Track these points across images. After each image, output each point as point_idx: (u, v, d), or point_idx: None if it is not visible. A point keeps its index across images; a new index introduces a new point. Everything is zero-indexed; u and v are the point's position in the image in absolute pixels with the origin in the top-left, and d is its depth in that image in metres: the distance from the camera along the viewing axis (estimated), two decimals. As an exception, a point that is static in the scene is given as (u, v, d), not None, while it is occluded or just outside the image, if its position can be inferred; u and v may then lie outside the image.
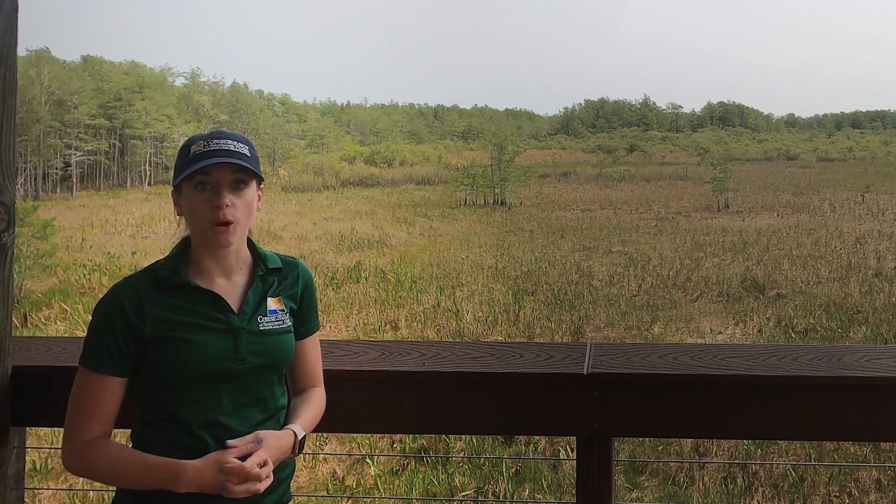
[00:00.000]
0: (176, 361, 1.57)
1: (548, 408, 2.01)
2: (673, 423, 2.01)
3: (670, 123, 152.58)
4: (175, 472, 1.51)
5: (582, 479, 1.99)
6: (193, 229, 1.64)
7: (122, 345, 1.56)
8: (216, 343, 1.60)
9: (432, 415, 2.07)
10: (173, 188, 1.65)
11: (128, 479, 1.56)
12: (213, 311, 1.62)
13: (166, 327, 1.57)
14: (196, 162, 1.58)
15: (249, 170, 1.62)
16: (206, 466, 1.52)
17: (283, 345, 1.70)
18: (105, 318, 1.58)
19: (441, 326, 16.17)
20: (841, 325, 15.70)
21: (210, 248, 1.64)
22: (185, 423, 1.58)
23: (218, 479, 1.51)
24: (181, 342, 1.57)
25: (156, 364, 1.57)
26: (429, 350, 2.12)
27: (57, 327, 16.19)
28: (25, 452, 2.17)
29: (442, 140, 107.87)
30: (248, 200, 1.64)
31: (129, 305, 1.57)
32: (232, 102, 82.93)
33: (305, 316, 1.79)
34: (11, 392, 2.03)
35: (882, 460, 8.87)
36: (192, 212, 1.61)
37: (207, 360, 1.58)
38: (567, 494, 8.02)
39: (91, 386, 1.57)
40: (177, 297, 1.60)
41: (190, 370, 1.57)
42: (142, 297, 1.58)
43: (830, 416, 1.96)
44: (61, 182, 58.54)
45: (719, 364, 1.98)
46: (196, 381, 1.58)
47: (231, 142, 1.62)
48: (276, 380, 1.70)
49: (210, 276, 1.65)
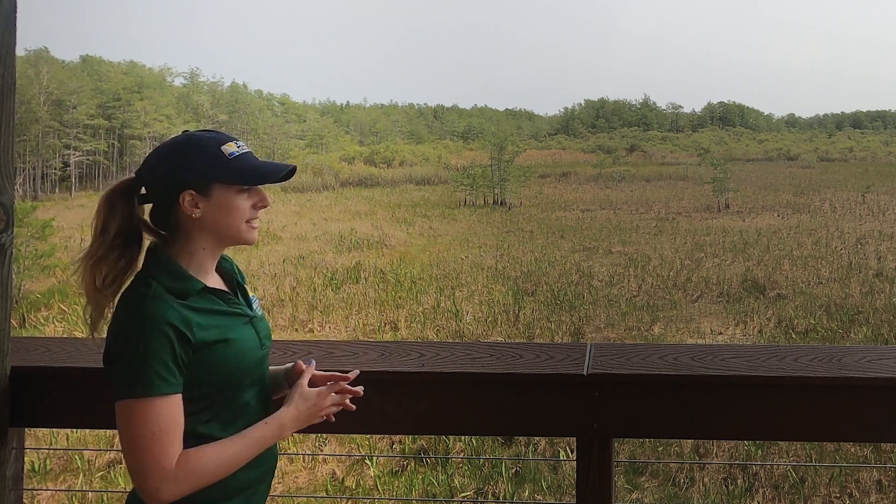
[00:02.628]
0: (228, 360, 1.60)
1: (548, 408, 2.00)
2: (673, 424, 2.01)
3: (670, 123, 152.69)
4: (278, 423, 1.63)
5: (582, 479, 1.99)
6: (224, 228, 1.62)
7: (180, 359, 1.51)
8: (247, 335, 1.66)
9: (432, 415, 2.07)
10: (197, 189, 1.58)
11: (242, 459, 1.59)
12: (236, 307, 1.67)
13: (214, 332, 1.58)
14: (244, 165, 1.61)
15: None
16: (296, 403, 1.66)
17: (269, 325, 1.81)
18: (157, 340, 1.48)
19: (441, 327, 16.17)
20: (841, 326, 15.70)
21: (222, 247, 1.67)
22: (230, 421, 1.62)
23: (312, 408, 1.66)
24: (229, 342, 1.60)
25: (209, 368, 1.57)
26: (428, 351, 2.12)
27: (55, 328, 16.18)
28: (24, 453, 2.16)
29: (441, 140, 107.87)
30: None
31: (176, 319, 1.51)
32: (231, 102, 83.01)
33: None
34: (10, 393, 2.02)
35: (883, 461, 8.87)
36: (231, 211, 1.61)
37: (247, 352, 1.64)
38: (567, 495, 8.01)
39: (162, 411, 1.49)
40: (202, 303, 1.59)
41: (238, 365, 1.62)
42: (180, 310, 1.53)
43: (831, 416, 1.95)
44: (60, 182, 58.57)
45: (719, 365, 1.98)
46: (244, 374, 1.64)
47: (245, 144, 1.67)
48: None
49: (207, 274, 1.66)
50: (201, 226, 1.61)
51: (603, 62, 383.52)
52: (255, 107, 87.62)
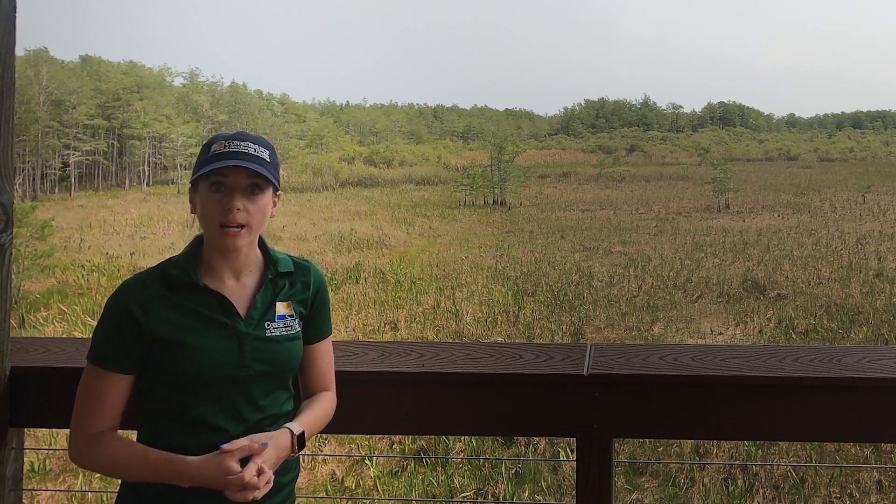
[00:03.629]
0: (179, 363, 1.56)
1: (548, 409, 2.00)
2: (673, 424, 2.00)
3: (671, 123, 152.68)
4: (178, 469, 1.52)
5: (582, 480, 1.99)
6: (204, 228, 1.62)
7: (129, 343, 1.56)
8: (220, 348, 1.58)
9: (432, 416, 2.06)
10: (191, 185, 1.63)
11: (131, 473, 1.56)
12: (220, 314, 1.60)
13: (172, 329, 1.56)
14: (214, 161, 1.57)
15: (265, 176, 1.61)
16: (207, 465, 1.51)
17: (289, 352, 1.67)
18: (112, 316, 1.57)
19: (440, 327, 16.17)
20: (842, 326, 15.70)
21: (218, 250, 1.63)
22: (185, 425, 1.58)
23: (219, 478, 1.50)
24: (185, 345, 1.56)
25: (160, 364, 1.57)
26: (428, 351, 2.11)
27: (55, 328, 16.17)
28: (24, 453, 2.16)
29: (441, 140, 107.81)
30: (262, 206, 1.62)
31: (135, 305, 1.56)
32: (231, 102, 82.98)
33: (316, 321, 1.76)
34: (10, 393, 2.02)
35: (883, 461, 8.87)
36: (204, 211, 1.59)
37: (210, 364, 1.57)
38: (567, 496, 8.01)
39: (97, 381, 1.57)
40: (185, 298, 1.59)
41: (192, 373, 1.56)
42: (149, 297, 1.57)
43: (831, 417, 1.95)
44: (59, 182, 58.56)
45: (720, 365, 1.98)
46: (198, 385, 1.57)
47: (252, 145, 1.61)
48: (280, 385, 1.68)
49: (220, 276, 1.63)
50: (200, 224, 1.62)
51: (603, 62, 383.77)
52: (254, 107, 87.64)
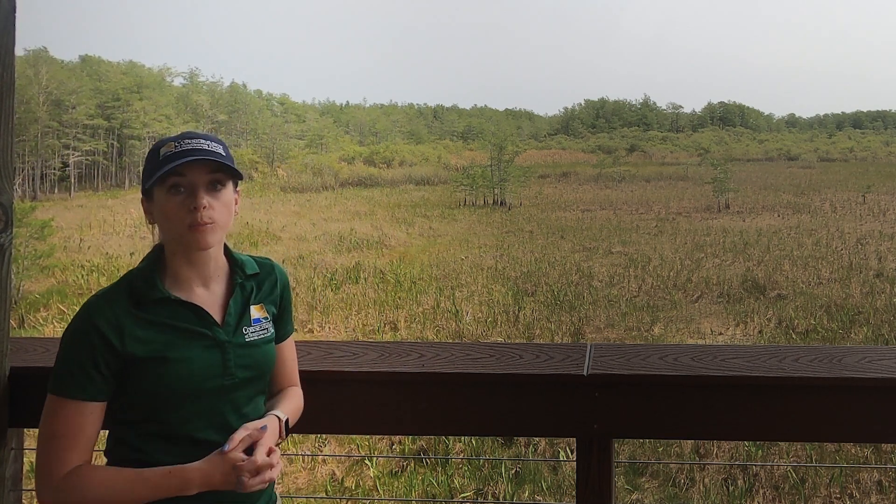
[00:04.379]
0: (163, 381, 1.48)
1: (548, 409, 2.00)
2: (673, 425, 2.00)
3: (671, 123, 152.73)
4: (182, 478, 1.45)
5: (582, 480, 1.98)
6: (168, 236, 1.54)
7: (102, 367, 1.45)
8: (204, 359, 1.52)
9: (431, 416, 2.06)
10: (143, 195, 1.55)
11: (128, 499, 1.46)
12: (198, 325, 1.53)
13: (150, 347, 1.48)
14: (168, 163, 1.48)
15: (226, 168, 1.52)
16: (211, 466, 1.46)
17: (268, 354, 1.64)
18: (80, 341, 1.46)
19: (440, 327, 16.17)
20: (842, 326, 15.70)
21: (188, 255, 1.54)
22: (171, 444, 1.51)
23: (228, 476, 1.45)
24: (168, 361, 1.48)
25: (139, 385, 1.48)
26: (428, 351, 2.11)
27: (54, 328, 16.19)
28: (23, 454, 2.16)
29: (441, 140, 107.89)
30: (226, 202, 1.54)
31: (105, 325, 1.46)
32: (230, 102, 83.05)
33: (283, 319, 1.71)
34: (9, 393, 2.02)
35: (883, 462, 8.87)
36: (167, 217, 1.50)
37: (196, 377, 1.50)
38: (567, 496, 8.01)
39: (68, 415, 1.45)
40: (157, 314, 1.50)
41: (178, 389, 1.49)
42: (119, 316, 1.47)
43: (831, 417, 1.95)
44: (59, 182, 58.57)
45: (720, 365, 1.97)
46: (185, 400, 1.50)
47: (204, 141, 1.53)
48: (261, 390, 1.64)
49: (188, 285, 1.56)
50: (161, 233, 1.56)
51: (603, 62, 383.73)
52: (254, 107, 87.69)
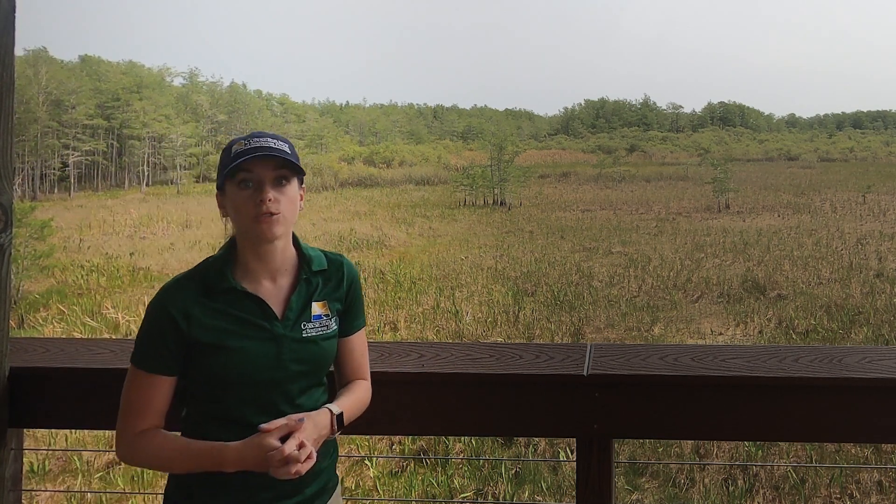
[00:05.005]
0: (220, 368, 1.60)
1: (548, 409, 2.00)
2: (673, 425, 2.00)
3: (671, 124, 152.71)
4: (220, 454, 1.56)
5: (582, 480, 1.98)
6: (239, 228, 1.65)
7: (171, 347, 1.60)
8: (259, 351, 1.62)
9: (431, 416, 2.06)
10: (218, 190, 1.67)
11: (176, 465, 1.61)
12: (259, 318, 1.64)
13: (213, 334, 1.60)
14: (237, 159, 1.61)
15: (291, 164, 1.64)
16: (247, 448, 1.55)
17: (325, 351, 1.71)
18: (154, 321, 1.61)
19: (440, 327, 16.17)
20: (842, 327, 15.70)
21: (256, 248, 1.65)
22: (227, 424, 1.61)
23: (258, 459, 1.54)
24: (226, 350, 1.60)
25: (201, 368, 1.61)
26: (428, 351, 2.11)
27: (54, 328, 16.17)
28: (23, 454, 2.16)
29: (441, 140, 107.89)
30: (292, 196, 1.66)
31: (176, 312, 1.59)
32: (230, 102, 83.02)
33: (350, 314, 1.79)
34: (9, 393, 2.02)
35: (883, 462, 8.86)
36: (237, 210, 1.62)
37: (250, 367, 1.61)
38: (567, 496, 8.01)
39: (140, 384, 1.61)
40: (224, 303, 1.62)
41: (233, 377, 1.60)
42: (189, 303, 1.61)
43: (831, 417, 1.95)
44: (59, 182, 58.59)
45: (720, 365, 1.98)
46: (238, 387, 1.61)
47: (271, 140, 1.65)
48: (316, 382, 1.72)
49: (256, 278, 1.66)
50: (234, 225, 1.67)
51: (603, 62, 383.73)
52: (254, 107, 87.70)
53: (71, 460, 9.05)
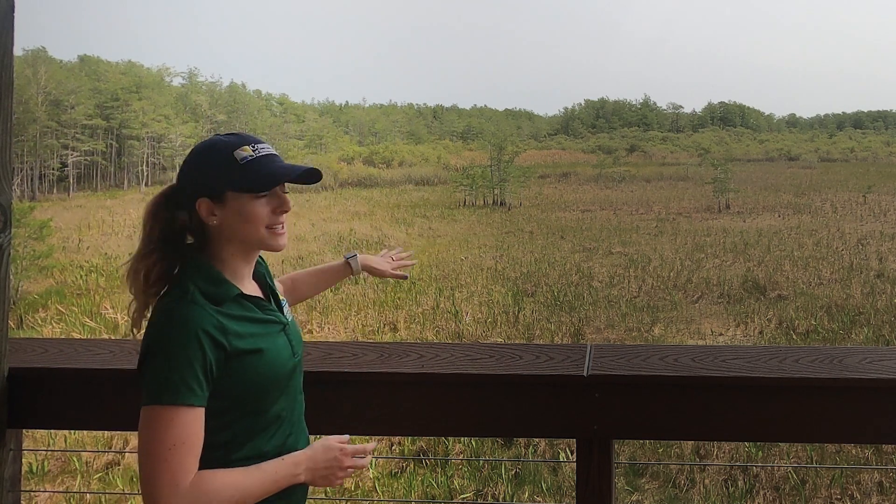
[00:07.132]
0: (258, 371, 1.54)
1: (547, 410, 1.99)
2: (673, 425, 2.00)
3: (671, 124, 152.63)
4: (295, 465, 1.56)
5: (582, 481, 1.98)
6: (244, 235, 1.58)
7: (209, 370, 1.46)
8: (281, 344, 1.62)
9: (431, 417, 2.06)
10: (210, 196, 1.55)
11: (255, 494, 1.50)
12: (270, 314, 1.64)
13: (248, 340, 1.53)
14: (257, 170, 1.54)
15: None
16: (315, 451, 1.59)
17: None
18: (188, 347, 1.45)
19: (440, 328, 16.17)
20: (842, 327, 15.70)
21: (248, 252, 1.62)
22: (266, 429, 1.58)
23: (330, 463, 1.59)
24: (260, 353, 1.55)
25: (239, 379, 1.52)
26: (428, 352, 2.11)
27: (53, 329, 16.17)
28: (22, 454, 2.15)
29: (441, 140, 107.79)
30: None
31: (213, 329, 1.48)
32: (230, 102, 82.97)
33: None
34: (8, 394, 2.02)
35: (884, 462, 8.86)
36: (249, 218, 1.55)
37: (279, 363, 1.60)
38: (567, 497, 8.01)
39: (186, 422, 1.43)
40: (238, 310, 1.56)
41: (269, 378, 1.57)
42: (216, 317, 1.50)
43: (832, 418, 1.95)
44: (58, 183, 58.53)
45: (720, 366, 1.97)
46: (273, 388, 1.59)
47: (269, 146, 1.61)
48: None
49: (244, 279, 1.64)
50: (224, 233, 1.57)
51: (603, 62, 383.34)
52: (253, 107, 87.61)
53: (70, 461, 9.04)
